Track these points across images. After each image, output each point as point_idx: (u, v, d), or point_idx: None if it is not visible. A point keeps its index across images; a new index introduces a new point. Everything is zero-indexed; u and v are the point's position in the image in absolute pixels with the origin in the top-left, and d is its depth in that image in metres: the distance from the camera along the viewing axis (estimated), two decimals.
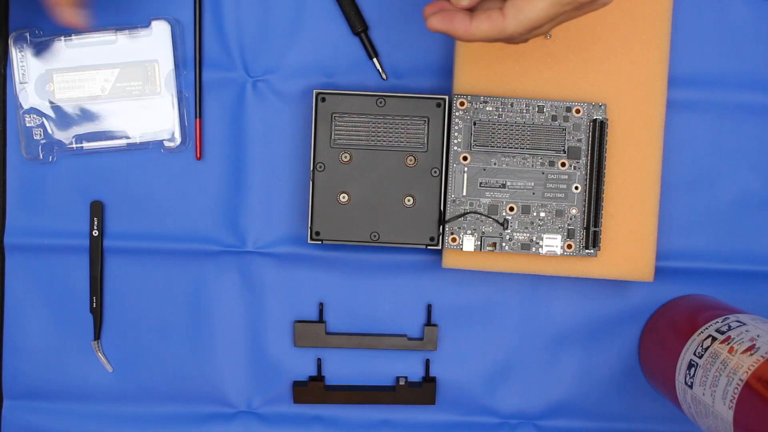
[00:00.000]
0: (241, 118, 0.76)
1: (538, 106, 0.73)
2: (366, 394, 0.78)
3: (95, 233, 0.77)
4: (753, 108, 0.77)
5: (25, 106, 0.75)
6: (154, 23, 0.75)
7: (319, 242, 0.73)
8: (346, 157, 0.73)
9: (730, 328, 0.68)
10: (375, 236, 0.73)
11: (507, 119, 0.73)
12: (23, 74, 0.75)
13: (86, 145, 0.75)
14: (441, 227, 0.73)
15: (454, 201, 0.73)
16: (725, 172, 0.77)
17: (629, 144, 0.74)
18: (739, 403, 0.62)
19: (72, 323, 0.78)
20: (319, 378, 0.78)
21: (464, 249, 0.73)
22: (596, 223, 0.73)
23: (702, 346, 0.68)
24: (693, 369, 0.68)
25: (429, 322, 0.78)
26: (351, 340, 0.78)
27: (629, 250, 0.74)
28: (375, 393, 0.78)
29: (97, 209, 0.77)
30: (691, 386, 0.68)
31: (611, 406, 0.79)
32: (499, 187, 0.73)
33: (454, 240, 0.73)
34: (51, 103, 0.75)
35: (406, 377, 0.78)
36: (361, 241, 0.73)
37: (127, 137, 0.76)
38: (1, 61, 0.76)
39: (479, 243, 0.73)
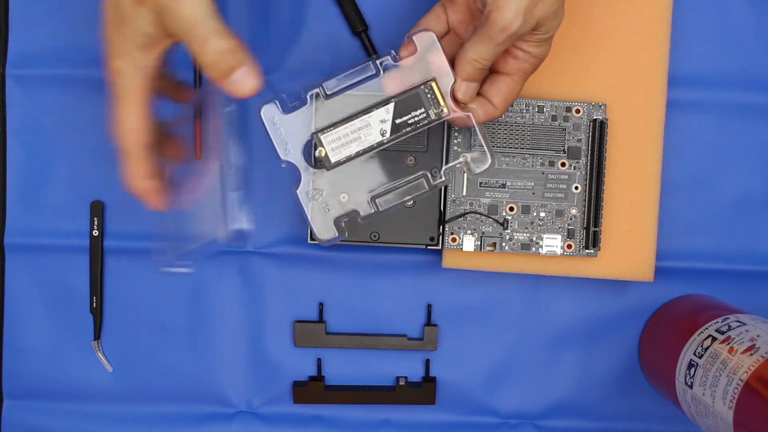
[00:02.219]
0: (241, 118, 0.76)
1: (538, 106, 0.73)
2: (366, 394, 0.78)
3: (95, 233, 0.77)
4: (753, 108, 0.77)
5: None
6: None
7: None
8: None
9: (730, 328, 0.68)
10: (375, 236, 0.73)
11: (507, 119, 0.73)
12: None
13: None
14: (441, 227, 0.73)
15: (454, 201, 0.73)
16: (725, 172, 0.77)
17: (629, 144, 0.74)
18: (739, 403, 0.62)
19: (72, 323, 0.78)
20: (319, 378, 0.78)
21: (464, 249, 0.73)
22: (596, 223, 0.73)
23: (702, 346, 0.68)
24: (693, 369, 0.68)
25: (429, 322, 0.78)
26: (351, 340, 0.78)
27: (629, 250, 0.74)
28: (375, 393, 0.78)
29: (97, 209, 0.77)
30: (691, 386, 0.68)
31: (611, 406, 0.79)
32: (499, 187, 0.73)
33: (454, 240, 0.73)
34: None
35: (406, 377, 0.78)
36: (361, 241, 0.73)
37: None
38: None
39: (479, 243, 0.73)
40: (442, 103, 0.62)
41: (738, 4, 0.76)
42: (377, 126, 0.62)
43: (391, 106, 0.62)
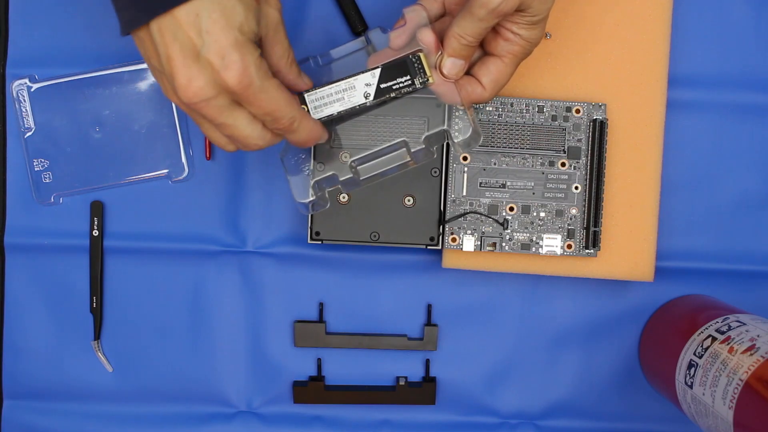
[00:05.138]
0: None
1: (538, 106, 0.73)
2: (366, 394, 0.78)
3: (95, 233, 0.77)
4: (753, 108, 0.77)
5: None
6: None
7: (319, 242, 0.73)
8: (346, 157, 0.72)
9: (730, 328, 0.68)
10: (375, 236, 0.73)
11: (507, 119, 0.73)
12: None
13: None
14: (441, 227, 0.73)
15: (454, 201, 0.73)
16: (725, 172, 0.77)
17: (629, 144, 0.74)
18: (739, 403, 0.62)
19: (72, 323, 0.78)
20: (319, 378, 0.78)
21: (464, 249, 0.73)
22: (596, 223, 0.73)
23: (702, 346, 0.68)
24: (693, 369, 0.68)
25: (429, 322, 0.78)
26: (351, 340, 0.78)
27: (629, 250, 0.74)
28: (375, 393, 0.78)
29: (97, 209, 0.77)
30: (691, 386, 0.68)
31: (611, 406, 0.79)
32: (499, 187, 0.73)
33: (454, 240, 0.73)
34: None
35: (406, 377, 0.78)
36: (361, 241, 0.73)
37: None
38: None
39: (479, 243, 0.73)
40: (428, 72, 0.63)
41: (738, 4, 0.76)
42: (362, 89, 0.64)
43: (377, 71, 0.63)
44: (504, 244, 0.73)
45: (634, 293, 0.78)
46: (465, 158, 0.73)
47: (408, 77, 0.63)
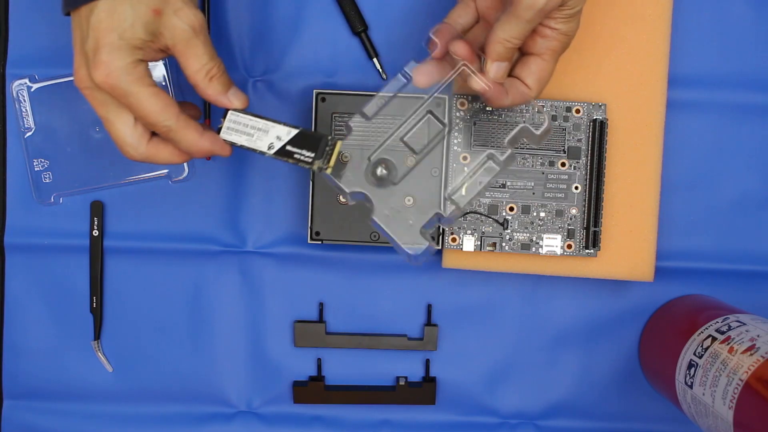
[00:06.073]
0: None
1: (538, 106, 0.73)
2: (366, 394, 0.78)
3: (95, 233, 0.77)
4: (753, 108, 0.77)
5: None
6: None
7: (319, 242, 0.73)
8: (346, 158, 0.72)
9: (730, 328, 0.68)
10: (375, 236, 0.73)
11: (507, 119, 0.73)
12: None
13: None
14: (441, 227, 0.73)
15: None
16: (725, 172, 0.77)
17: (629, 144, 0.74)
18: (739, 403, 0.62)
19: (72, 323, 0.78)
20: (319, 378, 0.78)
21: (464, 249, 0.73)
22: (596, 223, 0.73)
23: (702, 346, 0.68)
24: (693, 369, 0.68)
25: (429, 322, 0.78)
26: (351, 340, 0.78)
27: (629, 250, 0.74)
28: (375, 393, 0.78)
29: (97, 209, 0.77)
30: (691, 386, 0.68)
31: (611, 406, 0.79)
32: (499, 187, 0.73)
33: (454, 240, 0.73)
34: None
35: (406, 377, 0.78)
36: (361, 241, 0.73)
37: None
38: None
39: (479, 243, 0.73)
40: (331, 162, 0.62)
41: (738, 4, 0.76)
42: (271, 138, 0.62)
43: (294, 132, 0.62)
44: (504, 244, 0.73)
45: (634, 293, 0.78)
46: (465, 158, 0.73)
47: (312, 155, 0.62)
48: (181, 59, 0.61)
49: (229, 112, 0.63)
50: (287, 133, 0.62)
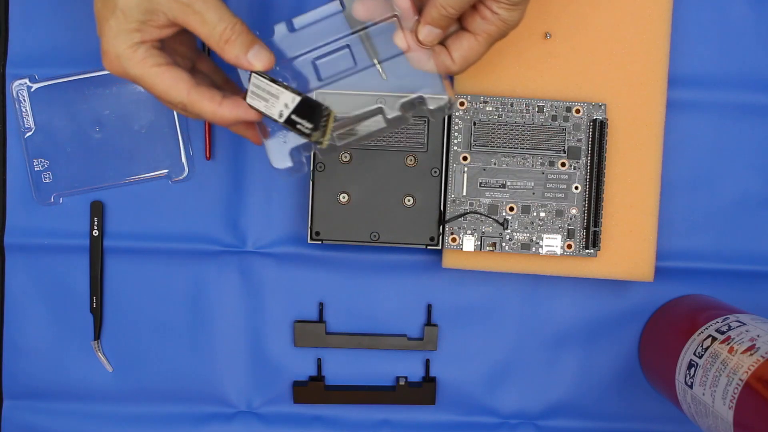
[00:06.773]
0: None
1: (538, 106, 0.73)
2: (366, 394, 0.78)
3: (95, 233, 0.77)
4: (753, 108, 0.77)
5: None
6: None
7: (319, 242, 0.73)
8: (346, 157, 0.73)
9: (730, 328, 0.68)
10: (375, 236, 0.73)
11: (507, 119, 0.73)
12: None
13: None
14: (441, 227, 0.73)
15: (454, 201, 0.73)
16: (725, 172, 0.77)
17: (629, 144, 0.74)
18: (739, 403, 0.62)
19: (72, 323, 0.78)
20: (319, 378, 0.78)
21: (464, 249, 0.73)
22: (596, 223, 0.73)
23: (702, 346, 0.68)
24: (693, 369, 0.68)
25: (429, 322, 0.78)
26: (351, 340, 0.78)
27: (629, 250, 0.74)
28: (375, 393, 0.78)
29: (97, 209, 0.77)
30: (691, 386, 0.68)
31: (611, 406, 0.79)
32: (499, 187, 0.73)
33: (454, 240, 0.73)
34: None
35: (406, 377, 0.78)
36: (361, 241, 0.73)
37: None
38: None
39: (479, 243, 0.73)
40: (326, 134, 0.60)
41: (738, 4, 0.76)
42: (281, 105, 0.60)
43: (297, 98, 0.60)
44: (504, 244, 0.73)
45: (634, 293, 0.78)
46: (465, 158, 0.73)
47: (311, 126, 0.60)
48: (190, 29, 0.60)
49: (252, 75, 0.61)
50: (292, 100, 0.60)
